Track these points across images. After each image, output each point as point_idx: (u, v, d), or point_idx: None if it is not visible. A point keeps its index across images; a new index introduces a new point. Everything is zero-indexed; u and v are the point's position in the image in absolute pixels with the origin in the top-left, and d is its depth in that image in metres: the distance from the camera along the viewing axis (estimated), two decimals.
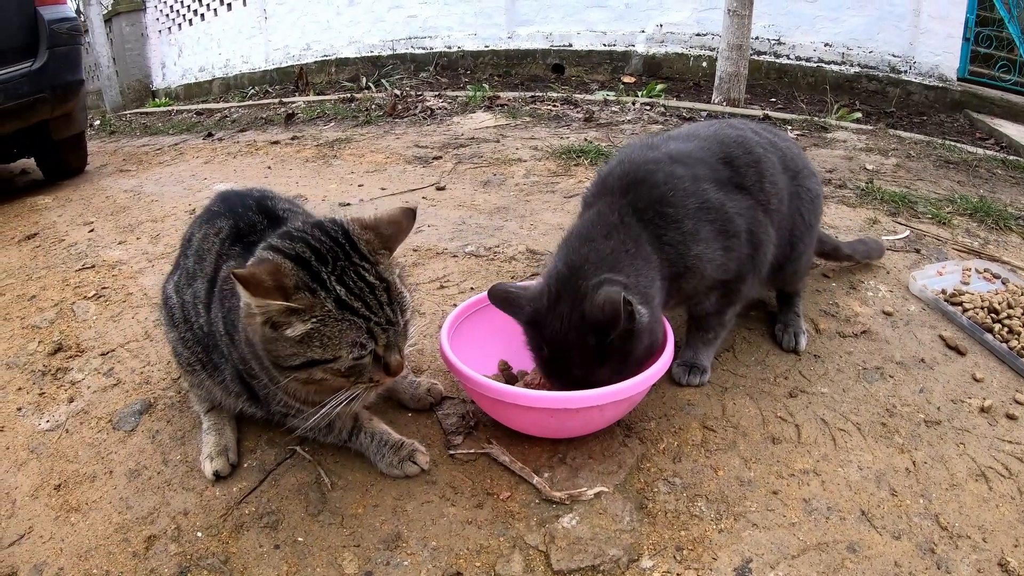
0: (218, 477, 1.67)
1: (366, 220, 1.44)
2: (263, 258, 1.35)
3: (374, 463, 1.65)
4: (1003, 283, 2.37)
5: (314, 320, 1.30)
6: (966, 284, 2.37)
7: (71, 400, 2.08)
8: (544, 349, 1.63)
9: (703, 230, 1.73)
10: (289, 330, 1.30)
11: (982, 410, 1.83)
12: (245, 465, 1.72)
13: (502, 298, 1.71)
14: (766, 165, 1.91)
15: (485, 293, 1.96)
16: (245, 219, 1.64)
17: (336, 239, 1.38)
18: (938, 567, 1.39)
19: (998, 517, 1.51)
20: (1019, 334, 2.09)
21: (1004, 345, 2.06)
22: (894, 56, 6.50)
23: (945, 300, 2.27)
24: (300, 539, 1.50)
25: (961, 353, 2.07)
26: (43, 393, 2.14)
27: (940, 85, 6.30)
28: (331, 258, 1.34)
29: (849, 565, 1.39)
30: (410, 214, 1.48)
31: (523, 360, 1.93)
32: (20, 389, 2.18)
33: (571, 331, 1.56)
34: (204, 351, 1.69)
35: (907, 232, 2.83)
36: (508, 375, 1.91)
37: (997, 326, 2.12)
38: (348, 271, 1.34)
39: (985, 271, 2.44)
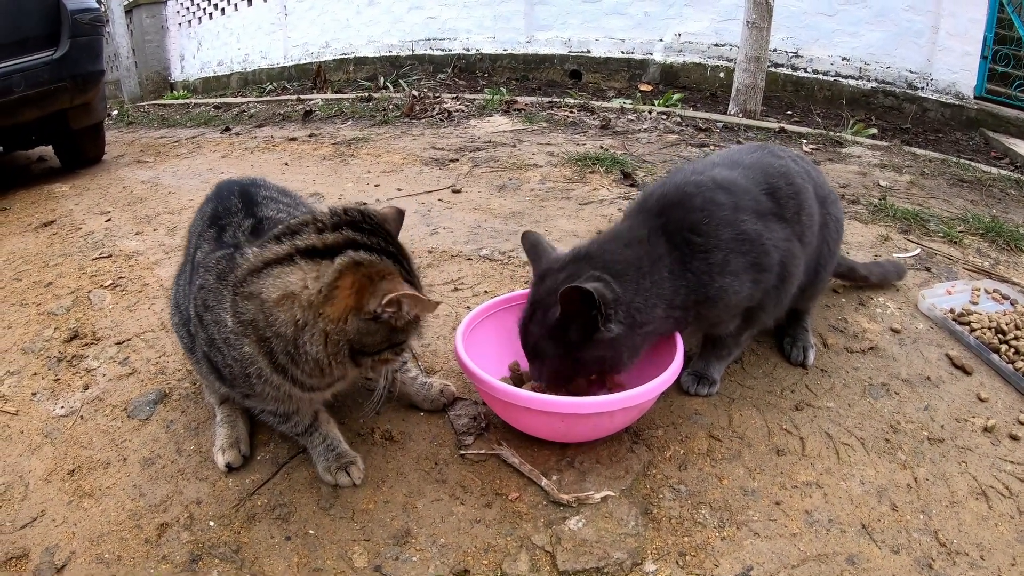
0: (230, 469, 1.70)
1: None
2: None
3: (314, 463, 1.67)
4: (1012, 304, 2.38)
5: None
6: (975, 304, 2.38)
7: (86, 387, 2.11)
8: (530, 300, 1.73)
9: (733, 262, 1.72)
10: (397, 320, 1.38)
11: (985, 430, 1.85)
12: (258, 458, 1.75)
13: (533, 245, 1.84)
14: (805, 197, 1.91)
15: (501, 297, 2.00)
16: (225, 203, 1.68)
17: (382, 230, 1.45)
18: None
19: (997, 536, 1.53)
20: None
21: (1010, 366, 2.07)
22: (911, 72, 6.50)
23: (953, 319, 2.29)
24: (311, 531, 1.53)
25: (967, 372, 2.08)
26: (58, 379, 2.17)
27: (956, 103, 6.29)
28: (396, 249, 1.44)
29: None
30: (400, 214, 1.55)
31: None
32: (35, 374, 2.21)
33: (549, 296, 1.64)
34: (189, 335, 1.68)
35: (918, 250, 2.85)
36: (516, 376, 1.94)
37: (1004, 347, 2.13)
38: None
39: (995, 292, 2.45)
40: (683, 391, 1.95)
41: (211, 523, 1.57)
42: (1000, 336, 2.18)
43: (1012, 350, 2.12)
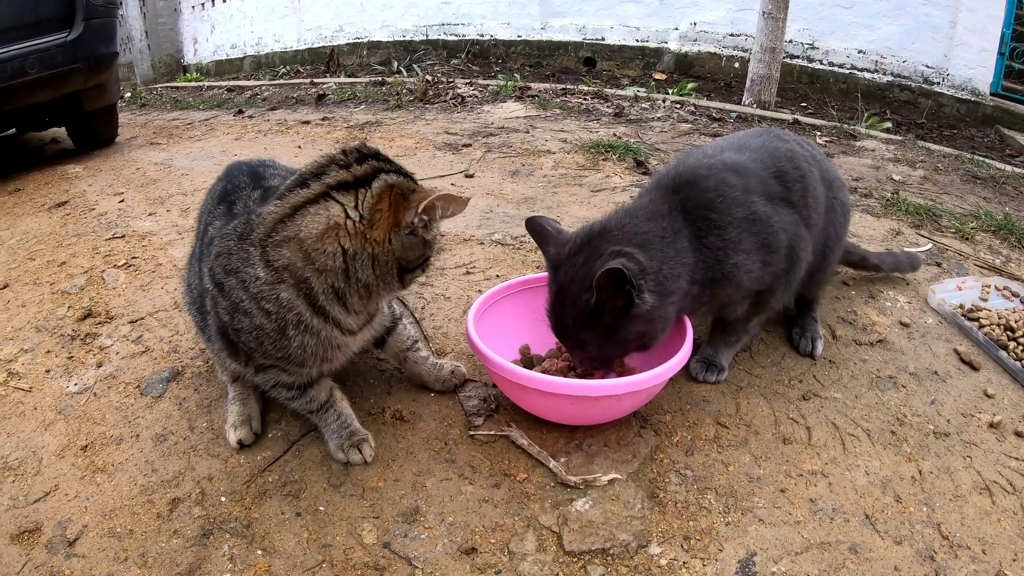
0: (242, 446, 1.72)
1: None
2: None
3: (326, 441, 1.69)
4: (1021, 302, 2.38)
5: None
6: (985, 300, 2.38)
7: (99, 365, 2.14)
8: (552, 290, 1.72)
9: (745, 240, 1.75)
10: (429, 233, 1.51)
11: (991, 425, 1.85)
12: (270, 435, 1.77)
13: (537, 230, 1.81)
14: (810, 180, 1.92)
15: (512, 280, 2.01)
16: (235, 182, 1.71)
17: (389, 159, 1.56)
18: (936, 574, 1.42)
19: (999, 531, 1.54)
20: None
21: (1018, 363, 2.07)
22: (927, 67, 6.46)
23: (962, 315, 2.29)
24: (321, 508, 1.55)
25: (975, 368, 2.09)
26: (72, 357, 2.19)
27: (972, 99, 6.25)
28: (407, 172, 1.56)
29: (850, 566, 1.43)
30: None
31: (544, 347, 1.98)
32: (49, 352, 2.23)
33: (574, 283, 1.63)
34: (202, 314, 1.71)
35: (929, 245, 2.84)
36: (527, 359, 1.95)
37: (1012, 344, 2.13)
38: None
39: (1005, 289, 2.45)
40: (691, 378, 1.96)
41: (222, 499, 1.59)
42: (1009, 333, 2.18)
43: (1020, 347, 2.12)
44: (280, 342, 1.48)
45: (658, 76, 7.32)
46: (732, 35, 7.25)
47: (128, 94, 9.03)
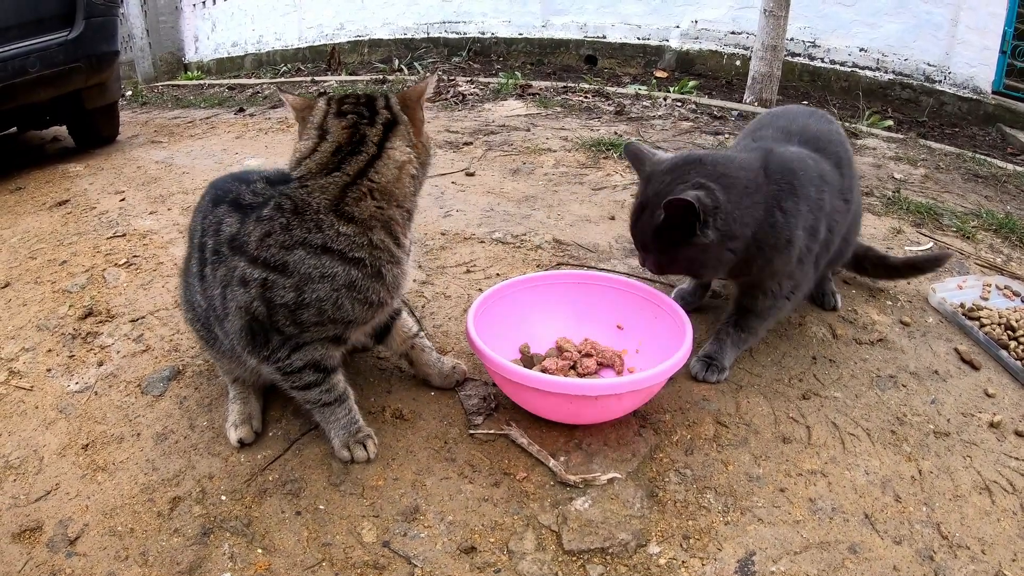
0: (242, 444, 1.72)
1: None
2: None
3: (330, 438, 1.69)
4: (1023, 301, 2.38)
5: None
6: (985, 300, 2.38)
7: (100, 364, 2.14)
8: (638, 200, 1.90)
9: (808, 218, 1.88)
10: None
11: (991, 425, 1.85)
12: (270, 434, 1.78)
13: (635, 154, 1.98)
14: (854, 164, 2.12)
15: (513, 279, 2.02)
16: (224, 187, 1.68)
17: None
18: (936, 574, 1.42)
19: (999, 531, 1.54)
20: None
21: (1019, 363, 2.07)
22: (929, 65, 6.45)
23: (963, 314, 2.29)
24: (321, 507, 1.55)
25: (975, 368, 2.09)
26: (73, 356, 2.20)
27: (974, 97, 6.24)
28: None
29: (849, 565, 1.43)
30: None
31: (544, 346, 1.98)
32: (50, 351, 2.23)
33: (654, 198, 1.80)
34: (205, 326, 1.73)
35: (930, 244, 2.84)
36: (527, 358, 1.95)
37: (1013, 343, 2.13)
38: None
39: (1006, 288, 2.45)
40: (691, 377, 1.96)
41: (223, 497, 1.60)
42: (1010, 333, 2.18)
43: (1021, 347, 2.12)
44: (366, 289, 1.54)
45: (659, 74, 7.31)
46: (733, 33, 7.24)
47: (129, 92, 9.03)
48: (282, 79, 8.60)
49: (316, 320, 1.53)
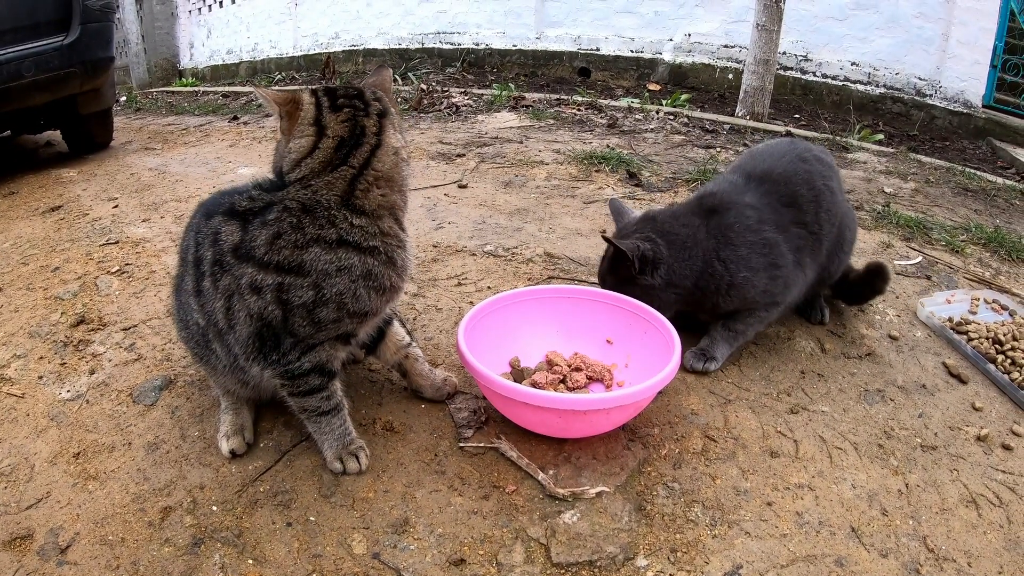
0: (234, 455, 1.72)
1: None
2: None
3: (323, 449, 1.69)
4: (1011, 315, 2.41)
5: None
6: (974, 313, 2.40)
7: (92, 372, 2.13)
8: (608, 251, 2.15)
9: (753, 259, 2.04)
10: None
11: (979, 439, 1.87)
12: (261, 445, 1.78)
13: (616, 209, 2.31)
14: (824, 197, 2.15)
15: (504, 294, 2.03)
16: (214, 202, 1.67)
17: None
18: None
19: (985, 544, 1.55)
20: (1022, 366, 2.12)
21: (1006, 376, 2.09)
22: (920, 79, 6.50)
23: (951, 328, 2.31)
24: (312, 518, 1.56)
25: (963, 381, 2.11)
26: (64, 363, 2.19)
27: (964, 111, 6.29)
28: None
29: None
30: None
31: (534, 360, 1.99)
32: (42, 358, 2.23)
33: (614, 246, 2.02)
34: (201, 344, 1.72)
35: (919, 258, 2.87)
36: (516, 372, 1.96)
37: (1000, 357, 2.15)
38: None
39: (994, 302, 2.47)
40: (684, 368, 2.04)
41: (214, 508, 1.59)
42: (997, 346, 2.20)
43: (1008, 361, 2.14)
44: (382, 276, 1.57)
45: (652, 87, 7.35)
46: (726, 47, 7.29)
47: (124, 98, 9.01)
48: (277, 87, 8.59)
49: (334, 316, 1.54)
